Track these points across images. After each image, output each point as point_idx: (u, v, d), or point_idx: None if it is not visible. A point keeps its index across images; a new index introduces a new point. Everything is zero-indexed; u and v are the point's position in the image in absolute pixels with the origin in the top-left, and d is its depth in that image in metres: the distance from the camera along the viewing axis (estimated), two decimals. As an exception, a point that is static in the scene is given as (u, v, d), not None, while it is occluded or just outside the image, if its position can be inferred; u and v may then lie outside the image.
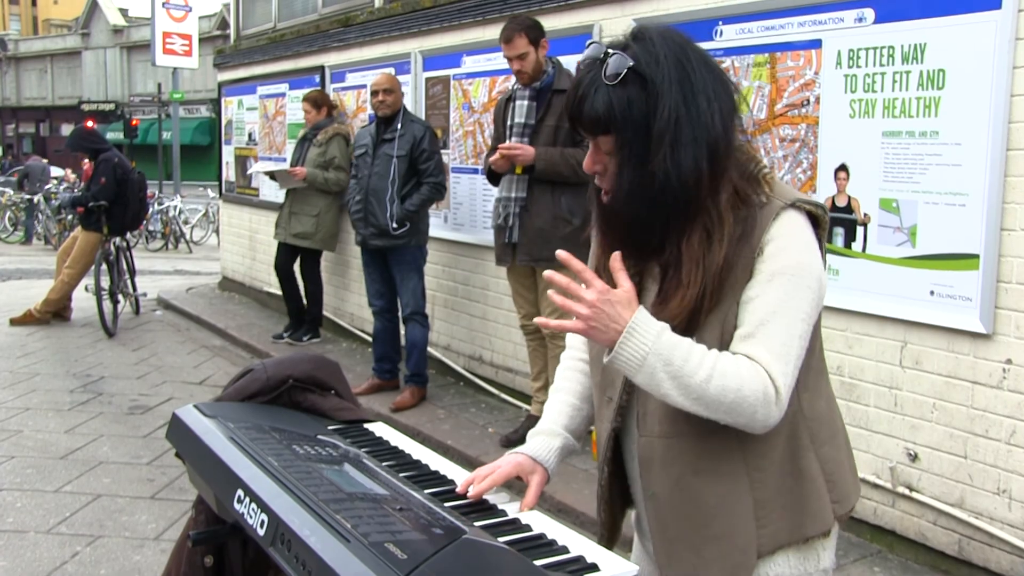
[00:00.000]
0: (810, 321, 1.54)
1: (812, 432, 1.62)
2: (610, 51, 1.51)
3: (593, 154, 1.58)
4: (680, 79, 1.51)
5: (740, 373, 1.46)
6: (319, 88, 7.72)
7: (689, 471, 1.59)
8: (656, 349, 1.45)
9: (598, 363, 1.70)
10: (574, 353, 1.88)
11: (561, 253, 1.55)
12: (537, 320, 1.58)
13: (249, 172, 9.00)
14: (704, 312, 1.53)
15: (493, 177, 4.82)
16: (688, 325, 1.53)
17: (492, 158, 4.67)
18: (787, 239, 1.53)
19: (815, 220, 1.58)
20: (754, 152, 1.62)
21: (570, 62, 4.79)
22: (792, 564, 1.62)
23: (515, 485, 1.72)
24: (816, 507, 1.62)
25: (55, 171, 22.83)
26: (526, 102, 4.66)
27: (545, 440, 1.77)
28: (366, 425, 2.08)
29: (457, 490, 1.68)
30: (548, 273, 1.54)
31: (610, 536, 1.80)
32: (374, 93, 5.65)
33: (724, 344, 1.53)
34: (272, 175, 7.38)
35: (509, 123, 4.71)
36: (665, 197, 1.50)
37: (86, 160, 8.74)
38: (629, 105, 1.49)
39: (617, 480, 1.75)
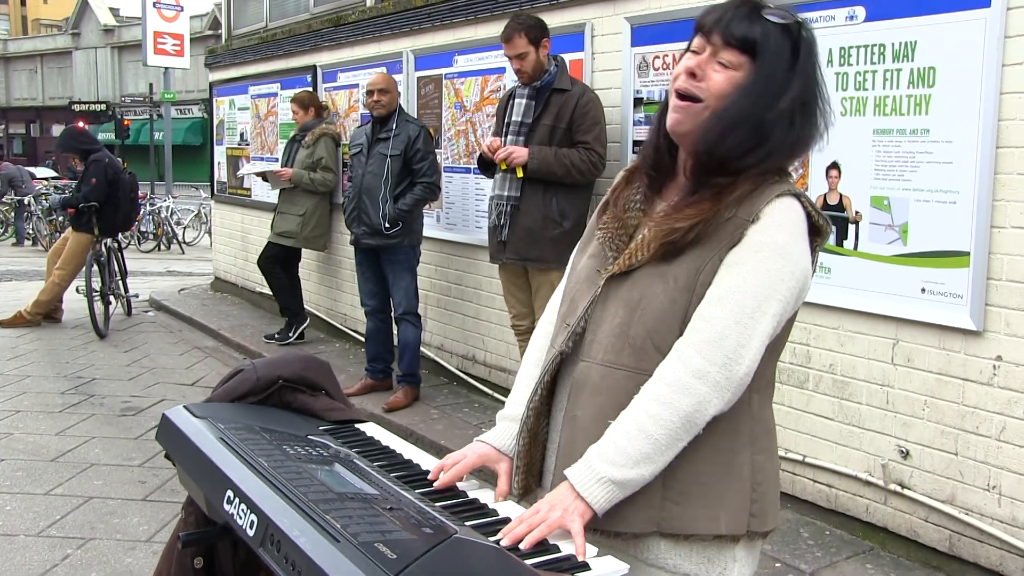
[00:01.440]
0: (786, 305, 1.55)
1: (754, 435, 1.61)
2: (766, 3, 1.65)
3: (702, 61, 1.62)
4: (812, 66, 1.66)
5: (664, 402, 1.49)
6: (308, 89, 7.71)
7: (613, 403, 1.57)
8: (600, 466, 1.50)
9: (569, 295, 1.75)
10: (547, 317, 1.88)
11: None
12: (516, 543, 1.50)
13: (239, 174, 8.99)
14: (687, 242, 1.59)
15: (484, 167, 4.83)
16: (673, 250, 1.58)
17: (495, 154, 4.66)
18: (781, 219, 1.57)
19: (815, 226, 1.62)
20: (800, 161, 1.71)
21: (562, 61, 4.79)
22: (695, 561, 1.58)
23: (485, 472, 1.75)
24: (736, 507, 1.58)
25: (41, 171, 22.76)
26: (524, 100, 4.67)
27: (508, 425, 1.78)
28: (357, 425, 2.08)
29: (430, 477, 1.71)
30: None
31: (526, 469, 1.73)
32: (369, 93, 5.64)
33: (693, 292, 1.56)
34: (263, 176, 7.39)
35: (507, 120, 4.71)
36: (770, 133, 1.59)
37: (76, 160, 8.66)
38: (780, 50, 1.60)
39: (545, 410, 1.72)
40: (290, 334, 7.56)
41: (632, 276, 1.61)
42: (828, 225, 1.63)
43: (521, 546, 1.43)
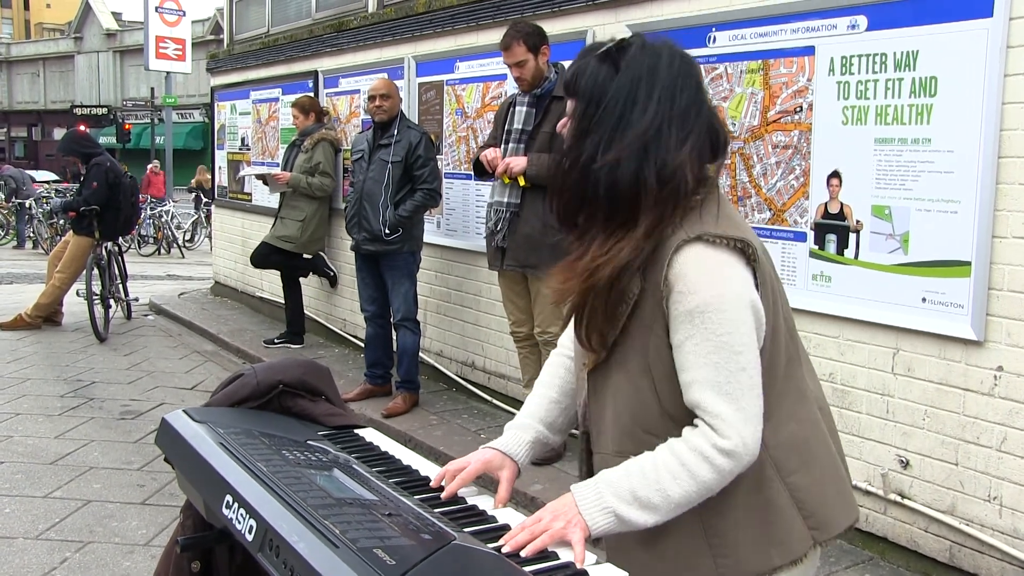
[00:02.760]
0: (753, 347, 1.51)
1: (778, 462, 1.59)
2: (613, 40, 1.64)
3: (566, 119, 1.65)
4: (648, 81, 1.55)
5: (688, 468, 1.49)
6: (309, 94, 7.72)
7: None
8: (609, 497, 1.50)
9: (577, 366, 1.75)
10: (563, 350, 1.88)
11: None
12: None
13: (240, 175, 9.00)
14: (618, 325, 1.57)
15: (480, 171, 4.83)
16: (604, 334, 1.59)
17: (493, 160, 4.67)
18: (694, 275, 1.49)
19: (740, 251, 1.53)
20: (711, 180, 1.60)
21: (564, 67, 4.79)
22: None
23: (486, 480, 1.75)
24: (783, 536, 1.58)
25: (42, 175, 22.77)
26: (525, 108, 4.67)
27: (516, 433, 1.79)
28: (356, 430, 2.07)
29: (432, 484, 1.71)
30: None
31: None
32: (371, 98, 5.64)
33: (650, 374, 1.56)
34: (263, 179, 7.40)
35: (507, 127, 4.71)
36: (590, 185, 1.56)
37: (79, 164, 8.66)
38: (583, 78, 1.58)
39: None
40: (278, 340, 7.62)
41: (603, 368, 1.64)
42: (749, 246, 1.53)
43: (523, 554, 1.43)
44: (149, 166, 23.64)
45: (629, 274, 1.53)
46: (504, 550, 1.43)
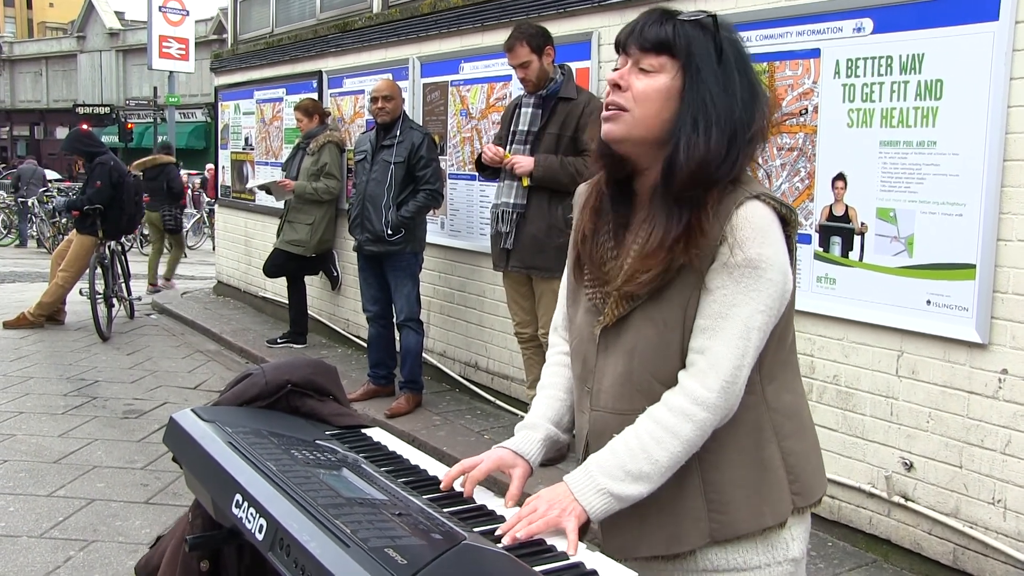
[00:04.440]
0: (771, 313, 1.57)
1: (776, 424, 1.64)
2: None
3: (624, 71, 1.62)
4: (736, 53, 1.63)
5: (669, 429, 1.54)
6: (311, 96, 7.72)
7: None
8: (600, 478, 1.55)
9: (579, 355, 1.76)
10: (558, 349, 1.90)
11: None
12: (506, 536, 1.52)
13: (247, 187, 9.02)
14: (670, 276, 1.58)
15: (483, 168, 4.84)
16: (659, 284, 1.58)
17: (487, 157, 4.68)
18: (749, 230, 1.54)
19: (783, 219, 1.60)
20: (755, 159, 1.69)
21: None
22: (759, 551, 1.64)
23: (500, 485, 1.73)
24: (776, 498, 1.64)
25: (50, 174, 22.72)
26: (531, 109, 4.67)
27: (527, 433, 1.80)
28: (364, 430, 2.08)
29: (442, 486, 1.70)
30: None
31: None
32: (374, 100, 5.65)
33: (683, 327, 1.58)
34: (267, 190, 7.36)
35: (513, 128, 4.72)
36: (736, 132, 1.58)
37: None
38: (686, 39, 1.59)
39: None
40: (281, 340, 7.62)
41: (624, 323, 1.64)
42: (793, 213, 1.62)
43: (519, 536, 1.47)
44: (208, 167, 23.45)
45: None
46: (503, 540, 1.45)
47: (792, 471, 1.65)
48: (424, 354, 6.07)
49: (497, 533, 1.48)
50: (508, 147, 4.70)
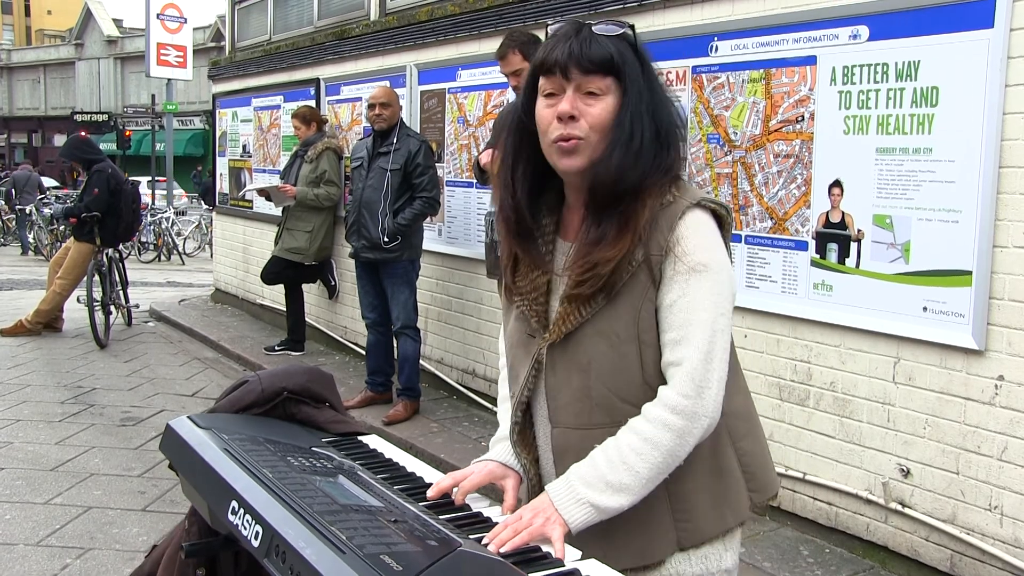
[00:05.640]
0: (730, 314, 1.60)
1: (730, 428, 1.68)
2: (590, 23, 1.60)
3: (571, 99, 1.57)
4: (650, 61, 1.64)
5: (648, 440, 1.54)
6: (308, 104, 7.73)
7: None
8: (581, 489, 1.54)
9: (509, 361, 1.79)
10: (506, 360, 1.90)
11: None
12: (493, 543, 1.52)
13: (241, 192, 9.02)
14: (612, 289, 1.58)
15: (482, 175, 4.85)
16: (601, 297, 1.58)
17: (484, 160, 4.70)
18: (698, 236, 1.57)
19: (719, 219, 1.63)
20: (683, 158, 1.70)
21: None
22: (710, 555, 1.66)
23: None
24: (734, 499, 1.68)
25: (48, 181, 22.61)
26: None
27: (506, 444, 1.79)
28: (360, 438, 2.08)
29: (428, 493, 1.69)
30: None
31: None
32: (371, 106, 5.66)
33: (639, 340, 1.58)
34: (266, 195, 7.35)
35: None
36: (665, 139, 1.59)
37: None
38: (630, 59, 1.59)
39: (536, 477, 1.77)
40: (279, 348, 7.62)
41: (572, 339, 1.63)
42: (729, 213, 1.65)
43: (503, 549, 1.47)
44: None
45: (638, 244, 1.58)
46: (490, 548, 1.46)
47: (747, 470, 1.70)
48: (422, 361, 6.07)
49: (484, 542, 1.48)
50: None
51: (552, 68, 1.58)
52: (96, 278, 8.43)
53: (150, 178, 27.08)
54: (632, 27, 1.62)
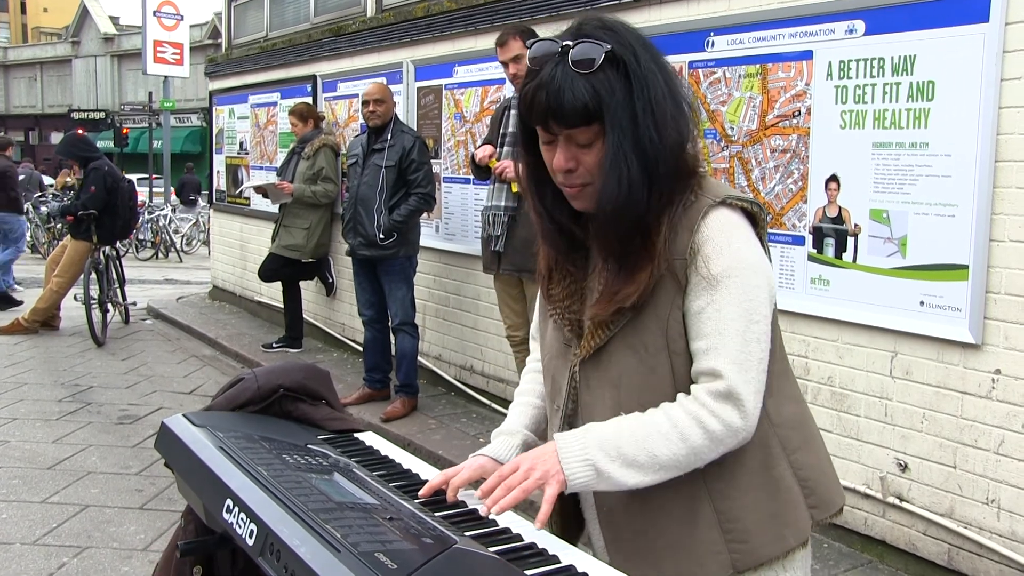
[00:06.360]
0: (767, 321, 1.50)
1: (782, 438, 1.58)
2: (569, 43, 1.47)
3: (564, 151, 1.50)
4: (654, 60, 1.50)
5: (680, 430, 1.47)
6: (305, 101, 7.72)
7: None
8: (593, 450, 1.47)
9: (549, 371, 1.73)
10: (535, 357, 1.88)
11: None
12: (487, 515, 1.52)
13: (239, 190, 9.00)
14: (637, 307, 1.51)
15: (478, 170, 4.85)
16: (622, 322, 1.53)
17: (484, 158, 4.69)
18: (723, 237, 1.48)
19: (752, 217, 1.54)
20: (702, 152, 1.62)
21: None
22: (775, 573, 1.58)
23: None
24: (793, 517, 1.57)
25: (48, 180, 22.59)
26: None
27: (506, 439, 1.77)
28: (356, 435, 2.07)
29: (419, 493, 1.66)
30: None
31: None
32: (365, 103, 5.65)
33: (668, 350, 1.52)
34: (263, 193, 7.34)
35: (502, 131, 4.72)
36: (657, 168, 1.47)
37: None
38: (612, 90, 1.45)
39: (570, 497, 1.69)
40: (276, 345, 7.62)
41: (603, 354, 1.58)
42: (762, 210, 1.56)
43: (494, 509, 1.46)
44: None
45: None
46: (481, 511, 1.45)
47: (806, 485, 1.59)
48: (419, 358, 6.07)
49: (475, 495, 1.47)
50: (498, 150, 4.70)
51: (535, 123, 1.52)
52: (93, 276, 8.43)
53: (142, 176, 27.01)
54: (621, 28, 1.50)
